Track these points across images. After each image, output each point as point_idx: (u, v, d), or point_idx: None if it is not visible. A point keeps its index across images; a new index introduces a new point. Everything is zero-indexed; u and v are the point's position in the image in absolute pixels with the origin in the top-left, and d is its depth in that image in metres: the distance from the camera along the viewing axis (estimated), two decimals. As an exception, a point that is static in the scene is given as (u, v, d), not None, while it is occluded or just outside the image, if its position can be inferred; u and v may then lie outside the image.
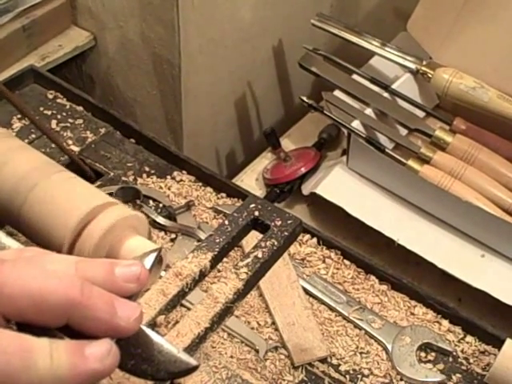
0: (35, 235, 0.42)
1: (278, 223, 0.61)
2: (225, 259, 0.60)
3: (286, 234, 0.60)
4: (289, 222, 0.61)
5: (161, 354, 0.36)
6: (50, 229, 0.41)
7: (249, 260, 0.58)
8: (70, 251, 0.41)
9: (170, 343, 0.36)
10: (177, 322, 0.59)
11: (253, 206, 0.62)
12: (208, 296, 0.55)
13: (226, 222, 0.60)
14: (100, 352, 0.33)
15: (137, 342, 0.36)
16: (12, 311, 0.33)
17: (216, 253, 0.58)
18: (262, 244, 0.59)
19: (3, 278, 0.33)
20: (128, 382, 0.49)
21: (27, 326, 0.33)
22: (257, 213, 0.61)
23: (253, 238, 0.63)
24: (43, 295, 0.33)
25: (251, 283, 0.57)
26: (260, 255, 0.58)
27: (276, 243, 0.59)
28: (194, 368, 0.35)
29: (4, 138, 0.46)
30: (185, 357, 0.36)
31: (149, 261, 0.40)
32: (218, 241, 0.59)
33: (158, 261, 0.40)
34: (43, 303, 0.33)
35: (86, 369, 0.33)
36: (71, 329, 0.34)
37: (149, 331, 0.36)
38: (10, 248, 0.40)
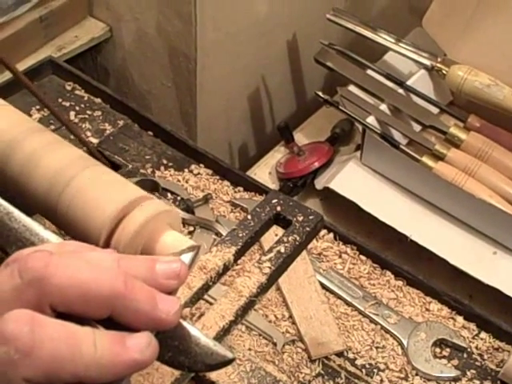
0: (72, 227, 0.43)
1: (300, 218, 0.61)
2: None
3: (307, 229, 0.61)
4: (310, 217, 0.62)
5: (198, 346, 0.37)
6: (87, 220, 0.42)
7: (271, 255, 0.59)
8: (107, 243, 0.42)
9: (207, 336, 0.37)
10: (201, 314, 0.60)
11: (275, 201, 0.63)
12: (232, 290, 0.56)
13: (249, 217, 0.61)
14: (140, 343, 0.34)
15: (174, 334, 0.37)
16: (60, 301, 0.34)
17: (239, 247, 0.59)
18: (285, 239, 0.60)
19: (52, 269, 0.33)
20: (157, 373, 0.50)
21: (68, 318, 0.34)
22: (279, 208, 0.62)
23: (269, 231, 0.64)
24: (90, 286, 0.34)
25: (274, 277, 0.58)
26: (282, 250, 0.59)
27: (298, 238, 0.60)
28: (231, 360, 0.36)
29: (38, 132, 0.47)
30: (221, 350, 0.36)
31: (188, 257, 0.41)
32: (240, 235, 0.60)
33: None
34: (90, 294, 0.34)
35: (127, 358, 0.34)
36: (111, 323, 0.35)
37: (186, 324, 0.37)
38: (48, 240, 0.41)
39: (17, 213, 0.42)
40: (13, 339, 0.31)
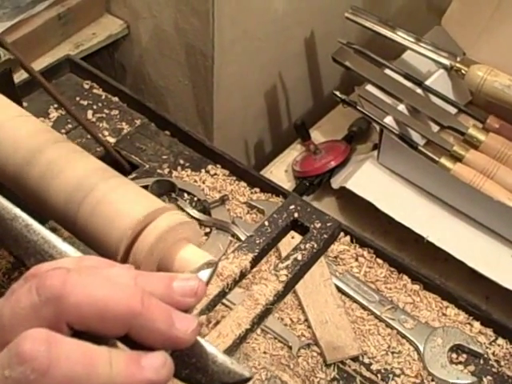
0: (91, 239, 0.43)
1: (318, 225, 0.61)
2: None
3: (325, 236, 0.60)
4: (328, 224, 0.61)
5: (215, 364, 0.37)
6: (107, 232, 0.42)
7: (288, 262, 0.59)
8: (126, 255, 0.42)
9: (224, 354, 0.37)
10: (218, 321, 0.60)
11: (292, 207, 0.63)
12: (248, 297, 0.56)
13: (266, 223, 0.61)
14: (156, 363, 0.34)
15: (191, 351, 0.37)
16: (77, 319, 0.34)
17: (256, 254, 0.59)
18: (302, 246, 0.60)
19: (70, 287, 0.33)
20: (173, 385, 0.50)
21: (85, 336, 0.34)
22: (296, 214, 0.62)
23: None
24: (107, 304, 0.34)
25: (291, 285, 0.58)
26: (300, 258, 0.59)
27: (315, 246, 0.60)
28: (248, 379, 0.36)
29: (58, 143, 0.47)
30: (238, 368, 0.36)
31: (206, 274, 0.41)
32: (258, 242, 0.60)
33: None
34: (107, 312, 0.34)
35: (142, 378, 0.34)
36: (129, 339, 0.35)
37: (203, 342, 0.37)
38: (66, 253, 0.41)
39: (36, 225, 0.42)
40: (29, 359, 0.31)
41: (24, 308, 0.34)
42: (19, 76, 0.98)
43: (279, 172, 1.17)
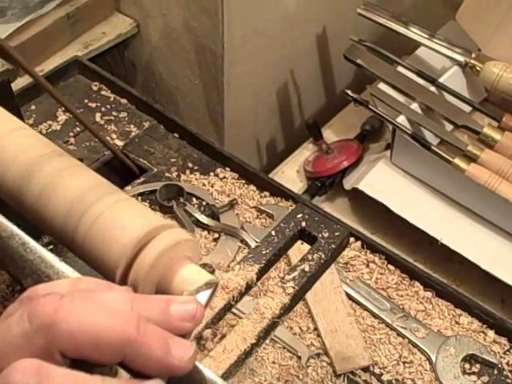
0: (89, 257, 0.42)
1: (326, 235, 0.60)
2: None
3: (333, 246, 0.59)
4: (336, 233, 0.60)
5: (215, 392, 0.36)
6: (105, 251, 0.41)
7: (295, 274, 0.57)
8: (125, 275, 0.41)
9: (223, 381, 0.36)
10: (223, 336, 0.59)
11: (300, 216, 0.61)
12: (254, 311, 0.55)
13: (273, 233, 0.60)
14: None
15: (190, 379, 0.36)
16: (69, 347, 0.33)
17: (262, 265, 0.57)
18: (309, 257, 0.58)
19: (63, 314, 0.33)
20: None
21: (81, 362, 0.33)
22: (304, 223, 0.61)
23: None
24: (101, 332, 0.33)
25: (298, 297, 0.57)
26: (307, 269, 0.57)
27: (323, 256, 0.58)
28: (248, 408, 0.35)
29: (57, 157, 0.46)
30: (239, 396, 0.35)
31: (205, 296, 0.39)
32: (264, 252, 0.58)
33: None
34: (101, 340, 0.33)
35: None
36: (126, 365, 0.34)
37: (202, 367, 0.36)
38: (63, 274, 0.40)
39: (32, 243, 0.41)
40: None
41: (15, 336, 0.33)
42: (27, 79, 0.97)
43: (291, 172, 1.16)
